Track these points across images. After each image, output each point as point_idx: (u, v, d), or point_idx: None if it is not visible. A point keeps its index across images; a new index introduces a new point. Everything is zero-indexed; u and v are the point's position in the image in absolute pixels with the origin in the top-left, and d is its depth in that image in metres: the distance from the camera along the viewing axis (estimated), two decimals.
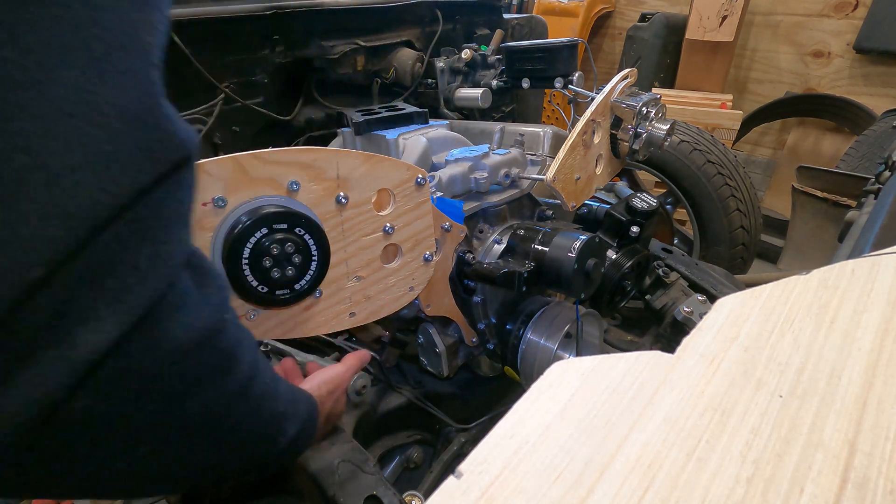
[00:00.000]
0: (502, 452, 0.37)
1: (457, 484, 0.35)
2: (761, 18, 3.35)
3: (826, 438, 0.37)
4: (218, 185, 0.63)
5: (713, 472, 0.35)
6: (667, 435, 0.38)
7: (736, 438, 0.37)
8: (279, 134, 1.70)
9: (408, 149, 1.19)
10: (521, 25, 2.29)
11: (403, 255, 0.83)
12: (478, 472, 0.36)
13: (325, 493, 0.88)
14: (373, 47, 1.74)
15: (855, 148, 2.45)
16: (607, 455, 0.37)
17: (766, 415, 0.39)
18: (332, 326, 0.80)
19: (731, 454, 0.36)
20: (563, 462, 0.36)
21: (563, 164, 1.05)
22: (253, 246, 0.63)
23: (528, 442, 0.38)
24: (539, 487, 0.34)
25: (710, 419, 0.39)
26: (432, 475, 1.10)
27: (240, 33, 1.50)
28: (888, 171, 1.42)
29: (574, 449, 0.37)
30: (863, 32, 2.96)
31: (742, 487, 0.34)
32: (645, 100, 1.17)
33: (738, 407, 0.40)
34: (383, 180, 0.77)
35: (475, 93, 1.64)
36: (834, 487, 0.34)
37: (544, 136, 1.29)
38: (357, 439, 0.99)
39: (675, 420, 0.39)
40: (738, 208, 1.88)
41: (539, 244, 0.99)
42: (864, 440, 0.37)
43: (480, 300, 1.08)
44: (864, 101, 3.00)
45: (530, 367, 1.03)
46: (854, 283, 0.54)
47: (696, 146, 1.88)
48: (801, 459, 0.36)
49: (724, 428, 0.38)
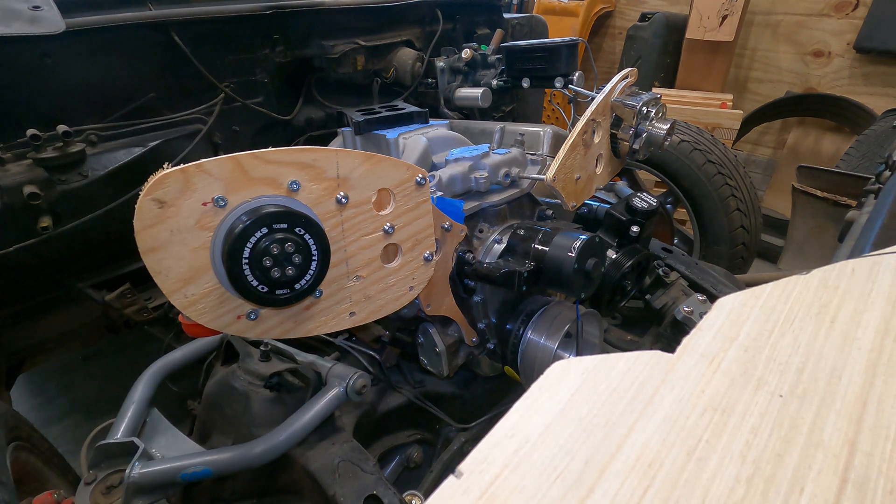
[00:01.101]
0: (502, 452, 0.37)
1: (457, 483, 0.35)
2: (761, 18, 3.35)
3: (826, 438, 0.37)
4: (218, 184, 0.63)
5: (713, 471, 0.35)
6: (667, 435, 0.38)
7: (736, 438, 0.37)
8: (279, 134, 1.70)
9: (408, 148, 1.19)
10: (521, 25, 2.29)
11: (403, 255, 0.83)
12: (478, 471, 0.36)
13: (325, 492, 0.88)
14: (373, 47, 1.74)
15: (855, 148, 2.45)
16: (607, 455, 0.37)
17: (766, 415, 0.39)
18: (332, 326, 0.80)
19: (731, 454, 0.36)
20: (563, 462, 0.36)
21: (563, 164, 1.05)
22: (253, 246, 0.63)
23: (528, 441, 0.38)
24: (539, 487, 0.34)
25: (710, 419, 0.39)
26: (432, 475, 1.10)
27: (240, 33, 1.50)
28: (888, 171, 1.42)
29: (574, 449, 0.37)
30: (863, 32, 2.96)
31: (742, 487, 0.34)
32: (645, 99, 1.17)
33: (738, 407, 0.40)
34: (383, 180, 0.77)
35: (475, 92, 1.64)
36: (834, 487, 0.34)
37: (544, 135, 1.29)
38: (357, 439, 0.99)
39: (675, 420, 0.39)
40: (738, 208, 1.88)
41: (539, 244, 0.99)
42: (864, 440, 0.37)
43: (480, 300, 1.08)
44: (864, 100, 3.00)
45: (530, 367, 1.03)
46: (854, 282, 0.54)
47: (697, 146, 1.88)
48: (801, 459, 0.36)
49: (724, 428, 0.38)
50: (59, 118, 1.19)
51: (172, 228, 0.61)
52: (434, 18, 1.93)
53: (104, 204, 1.23)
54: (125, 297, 1.38)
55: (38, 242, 1.16)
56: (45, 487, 1.01)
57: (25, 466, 1.01)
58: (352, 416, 1.07)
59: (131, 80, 1.36)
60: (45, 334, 1.49)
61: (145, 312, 1.44)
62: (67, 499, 0.93)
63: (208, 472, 0.89)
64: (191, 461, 0.90)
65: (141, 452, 0.91)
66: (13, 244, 1.14)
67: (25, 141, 1.14)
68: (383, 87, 1.83)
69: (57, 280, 1.39)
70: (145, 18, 1.30)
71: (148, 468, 0.89)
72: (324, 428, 0.98)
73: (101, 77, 1.31)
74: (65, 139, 1.17)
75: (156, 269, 0.62)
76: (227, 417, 1.04)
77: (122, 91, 1.34)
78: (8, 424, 0.99)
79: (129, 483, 0.86)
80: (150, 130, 1.37)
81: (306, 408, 0.96)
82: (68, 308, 1.48)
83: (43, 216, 1.17)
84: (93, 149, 1.26)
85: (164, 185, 0.59)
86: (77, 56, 1.25)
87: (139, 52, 1.34)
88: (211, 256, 0.65)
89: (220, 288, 0.67)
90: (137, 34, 1.32)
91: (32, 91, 1.22)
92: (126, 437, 0.95)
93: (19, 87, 1.20)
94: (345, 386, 0.98)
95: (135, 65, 1.35)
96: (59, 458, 1.14)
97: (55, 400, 2.13)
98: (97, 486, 0.90)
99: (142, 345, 2.14)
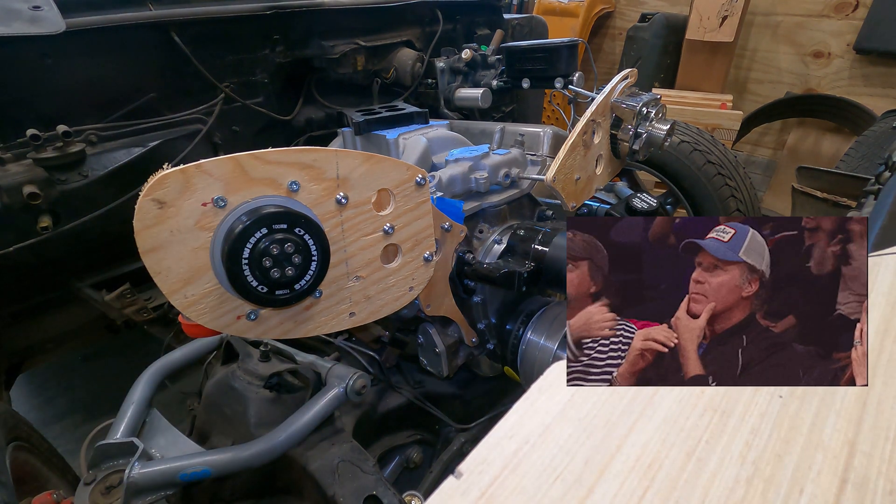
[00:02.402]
0: (502, 452, 0.37)
1: (457, 484, 0.35)
2: (761, 19, 3.35)
3: (826, 438, 0.37)
4: (218, 185, 0.63)
5: (713, 472, 0.35)
6: (667, 435, 0.38)
7: (736, 439, 0.37)
8: (279, 134, 1.70)
9: (408, 149, 1.19)
10: (522, 25, 2.29)
11: (403, 255, 0.83)
12: (478, 471, 0.36)
13: (325, 492, 0.88)
14: (373, 47, 1.74)
15: (855, 148, 2.45)
16: (607, 455, 0.37)
17: (766, 415, 0.39)
18: (332, 326, 0.80)
19: (731, 454, 0.36)
20: (562, 462, 0.36)
21: (563, 165, 1.05)
22: (253, 246, 0.63)
23: (528, 442, 0.38)
24: (539, 487, 0.34)
25: (710, 419, 0.39)
26: (432, 475, 1.10)
27: (240, 33, 1.50)
28: (888, 172, 1.42)
29: (574, 449, 0.37)
30: (863, 33, 2.96)
31: (742, 488, 0.34)
32: (645, 100, 1.17)
33: (738, 407, 0.40)
34: (383, 180, 0.77)
35: (475, 93, 1.64)
36: (834, 488, 0.34)
37: (544, 136, 1.29)
38: (357, 439, 0.99)
39: (674, 420, 0.39)
40: (738, 209, 1.87)
41: (539, 244, 0.99)
42: (864, 441, 0.37)
43: (480, 300, 1.08)
44: (864, 101, 3.00)
45: (530, 367, 1.03)
46: None
47: (697, 146, 1.88)
48: (801, 459, 0.36)
49: (724, 428, 0.38)
50: (59, 118, 1.19)
51: (172, 229, 0.61)
52: (434, 19, 1.93)
53: (104, 204, 1.23)
54: (125, 297, 1.38)
55: (38, 242, 1.16)
56: (45, 487, 1.01)
57: (25, 466, 1.01)
58: (351, 417, 1.07)
59: (131, 80, 1.36)
60: (45, 334, 1.49)
61: (145, 312, 1.44)
62: (67, 499, 0.93)
63: (208, 473, 0.89)
64: (190, 461, 0.90)
65: (140, 452, 0.91)
66: (13, 244, 1.14)
67: (25, 141, 1.14)
68: (383, 88, 1.83)
69: (57, 280, 1.39)
70: (145, 18, 1.30)
71: (147, 468, 0.89)
72: (323, 428, 0.98)
73: (101, 77, 1.31)
74: (65, 139, 1.17)
75: (156, 270, 0.62)
76: (227, 418, 1.04)
77: (122, 91, 1.34)
78: (7, 424, 0.99)
79: (128, 483, 0.86)
80: (150, 130, 1.37)
81: (306, 408, 0.96)
82: (68, 308, 1.48)
83: (43, 216, 1.17)
84: (93, 149, 1.26)
85: (164, 185, 0.59)
86: (77, 56, 1.25)
87: (139, 52, 1.34)
88: (211, 257, 0.65)
89: (220, 288, 0.67)
90: (137, 34, 1.32)
91: (32, 91, 1.22)
92: (126, 438, 0.95)
93: (19, 87, 1.20)
94: (344, 386, 0.98)
95: (135, 65, 1.35)
96: (58, 458, 1.14)
97: (55, 400, 2.13)
98: (97, 487, 0.90)
99: (142, 345, 2.13)
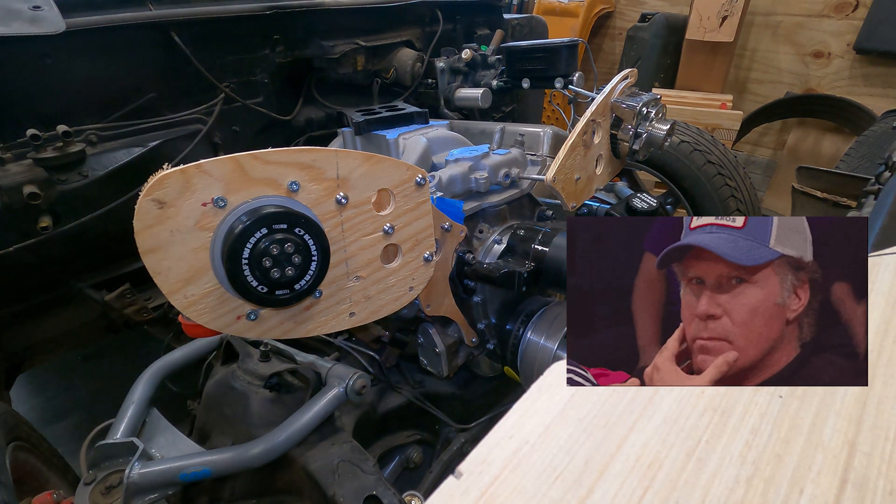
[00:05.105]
0: (502, 452, 0.37)
1: (457, 484, 0.35)
2: (761, 19, 3.35)
3: (826, 438, 0.37)
4: (218, 185, 0.63)
5: (713, 472, 0.35)
6: (667, 435, 0.38)
7: (736, 439, 0.37)
8: (279, 134, 1.70)
9: (408, 149, 1.19)
10: (521, 25, 2.29)
11: (403, 255, 0.83)
12: (478, 471, 0.36)
13: (325, 492, 0.88)
14: (373, 47, 1.74)
15: (855, 148, 2.45)
16: (607, 455, 0.37)
17: (766, 415, 0.39)
18: (332, 326, 0.80)
19: (731, 454, 0.36)
20: (562, 462, 0.36)
21: (563, 164, 1.05)
22: (253, 246, 0.63)
23: (528, 442, 0.38)
24: (539, 487, 0.34)
25: (709, 419, 0.39)
26: (432, 475, 1.10)
27: (240, 33, 1.50)
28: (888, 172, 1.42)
29: (574, 449, 0.37)
30: (863, 33, 2.96)
31: (742, 488, 0.34)
32: (645, 100, 1.17)
33: (738, 407, 0.40)
34: (383, 180, 0.77)
35: (475, 93, 1.64)
36: (834, 488, 0.34)
37: (544, 136, 1.29)
38: (357, 439, 0.99)
39: (674, 420, 0.39)
40: (738, 209, 1.87)
41: (539, 244, 0.99)
42: (864, 440, 0.37)
43: (480, 300, 1.08)
44: (864, 101, 3.00)
45: (530, 367, 1.03)
46: None
47: (697, 146, 1.88)
48: (801, 459, 0.36)
49: (724, 428, 0.38)
50: (59, 118, 1.19)
51: (172, 229, 0.61)
52: (434, 19, 1.93)
53: (104, 204, 1.23)
54: (125, 297, 1.38)
55: (38, 242, 1.16)
56: (45, 487, 1.00)
57: (25, 466, 1.01)
58: (351, 417, 1.07)
59: (131, 80, 1.36)
60: (45, 334, 1.49)
61: (145, 312, 1.44)
62: (67, 499, 0.93)
63: (208, 473, 0.89)
64: (190, 461, 0.90)
65: (140, 452, 0.91)
66: (13, 244, 1.14)
67: (25, 141, 1.14)
68: (383, 88, 1.83)
69: (57, 280, 1.39)
70: (145, 18, 1.30)
71: (147, 468, 0.89)
72: (323, 428, 0.98)
73: (101, 77, 1.31)
74: (65, 139, 1.17)
75: (156, 270, 0.62)
76: (227, 418, 1.04)
77: (122, 91, 1.34)
78: (7, 424, 0.99)
79: (128, 483, 0.86)
80: (150, 130, 1.37)
81: (306, 408, 0.96)
82: (68, 308, 1.48)
83: (43, 216, 1.17)
84: (93, 149, 1.26)
85: (164, 185, 0.59)
86: (77, 56, 1.25)
87: (139, 52, 1.34)
88: (211, 257, 0.65)
89: (220, 288, 0.67)
90: (137, 34, 1.32)
91: (32, 91, 1.22)
92: (126, 438, 0.95)
93: (19, 87, 1.20)
94: (344, 386, 0.98)
95: (135, 65, 1.35)
96: (58, 458, 1.14)
97: (55, 400, 2.13)
98: (97, 487, 0.90)
99: (142, 345, 2.13)
